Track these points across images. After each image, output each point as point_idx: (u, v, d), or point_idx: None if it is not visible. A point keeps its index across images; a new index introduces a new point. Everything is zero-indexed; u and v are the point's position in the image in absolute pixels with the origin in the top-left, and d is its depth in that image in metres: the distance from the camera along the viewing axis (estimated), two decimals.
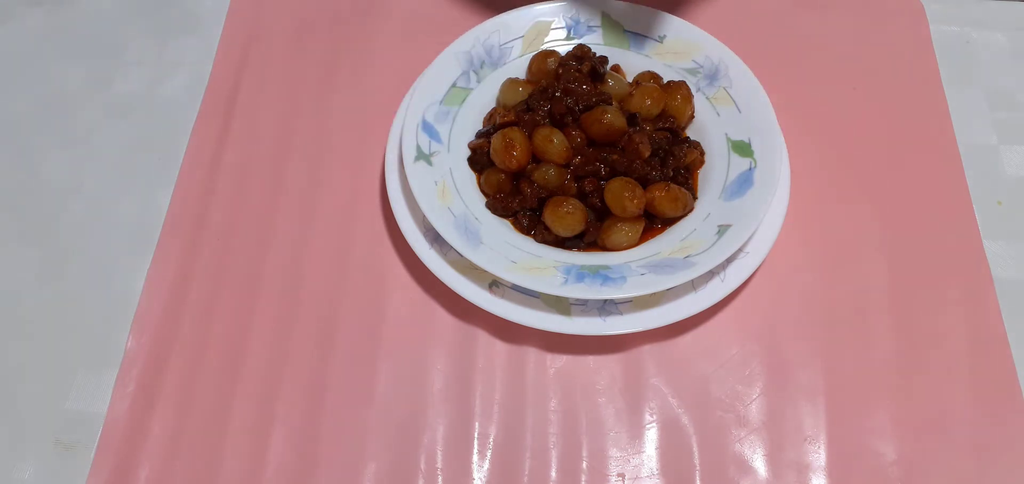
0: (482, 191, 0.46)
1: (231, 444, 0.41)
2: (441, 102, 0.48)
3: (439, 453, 0.41)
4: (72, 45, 0.57)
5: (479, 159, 0.47)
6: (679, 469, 0.40)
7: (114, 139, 0.53)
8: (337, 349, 0.44)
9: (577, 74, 0.47)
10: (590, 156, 0.45)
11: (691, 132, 0.49)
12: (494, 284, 0.43)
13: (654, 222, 0.45)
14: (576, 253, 0.44)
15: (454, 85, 0.49)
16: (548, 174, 0.44)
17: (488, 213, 0.45)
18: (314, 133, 0.52)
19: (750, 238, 0.42)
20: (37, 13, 0.59)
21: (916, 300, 0.44)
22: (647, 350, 0.43)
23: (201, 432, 0.41)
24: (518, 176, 0.45)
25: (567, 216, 0.43)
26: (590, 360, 0.43)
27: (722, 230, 0.42)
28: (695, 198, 0.46)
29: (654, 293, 0.41)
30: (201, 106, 0.53)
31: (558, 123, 0.46)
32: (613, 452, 0.41)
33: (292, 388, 0.42)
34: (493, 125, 0.47)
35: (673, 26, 0.50)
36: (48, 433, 0.42)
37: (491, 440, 0.41)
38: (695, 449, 0.41)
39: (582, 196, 0.44)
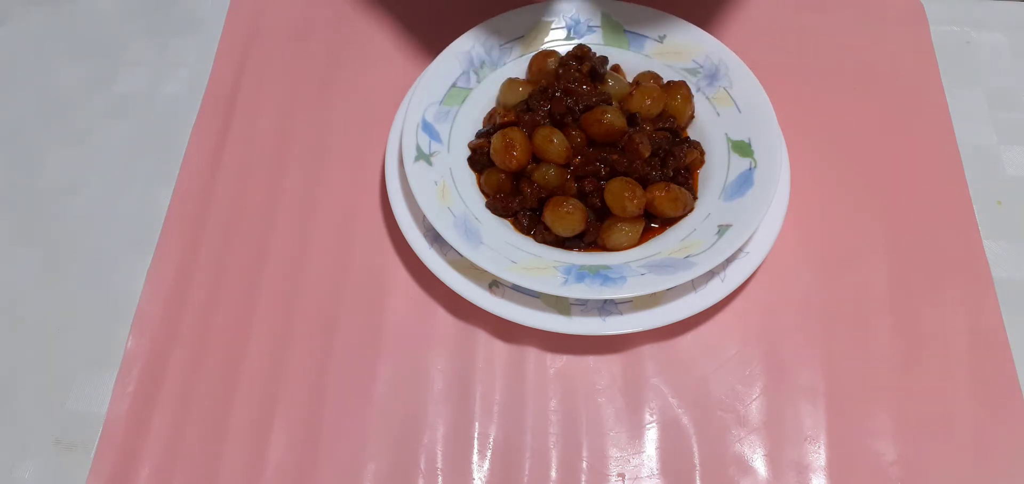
0: (482, 191, 0.46)
1: (231, 444, 0.41)
2: (441, 102, 0.48)
3: (439, 453, 0.41)
4: (72, 45, 0.57)
5: (479, 159, 0.47)
6: (679, 469, 0.40)
7: (114, 139, 0.53)
8: (337, 349, 0.44)
9: (577, 74, 0.47)
10: (590, 156, 0.45)
11: (691, 132, 0.49)
12: (494, 284, 0.43)
13: (654, 222, 0.45)
14: (576, 253, 0.44)
15: (454, 85, 0.49)
16: (548, 174, 0.44)
17: (488, 213, 0.45)
18: (314, 133, 0.52)
19: (750, 238, 0.42)
20: (37, 13, 0.59)
21: (916, 300, 0.44)
22: (647, 350, 0.43)
23: (201, 432, 0.41)
24: (518, 176, 0.45)
25: (567, 216, 0.43)
26: (590, 360, 0.43)
27: (722, 230, 0.42)
28: (695, 198, 0.46)
29: (654, 293, 0.41)
30: (201, 106, 0.53)
31: (558, 123, 0.46)
32: (613, 452, 0.41)
33: (292, 388, 0.42)
34: (493, 125, 0.47)
35: (673, 26, 0.50)
36: (48, 433, 0.42)
37: (491, 440, 0.41)
38: (695, 449, 0.41)
39: (582, 196, 0.44)
